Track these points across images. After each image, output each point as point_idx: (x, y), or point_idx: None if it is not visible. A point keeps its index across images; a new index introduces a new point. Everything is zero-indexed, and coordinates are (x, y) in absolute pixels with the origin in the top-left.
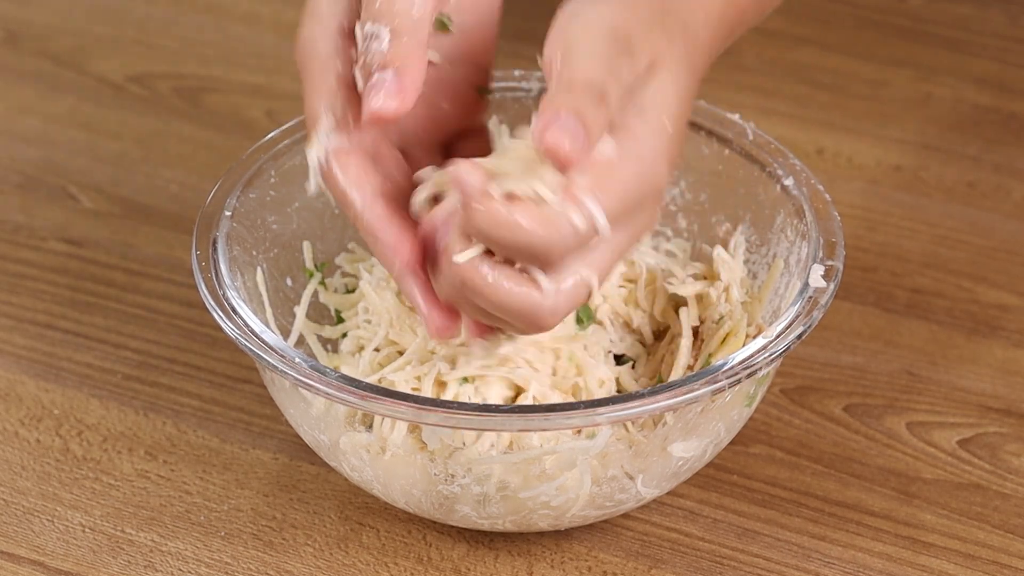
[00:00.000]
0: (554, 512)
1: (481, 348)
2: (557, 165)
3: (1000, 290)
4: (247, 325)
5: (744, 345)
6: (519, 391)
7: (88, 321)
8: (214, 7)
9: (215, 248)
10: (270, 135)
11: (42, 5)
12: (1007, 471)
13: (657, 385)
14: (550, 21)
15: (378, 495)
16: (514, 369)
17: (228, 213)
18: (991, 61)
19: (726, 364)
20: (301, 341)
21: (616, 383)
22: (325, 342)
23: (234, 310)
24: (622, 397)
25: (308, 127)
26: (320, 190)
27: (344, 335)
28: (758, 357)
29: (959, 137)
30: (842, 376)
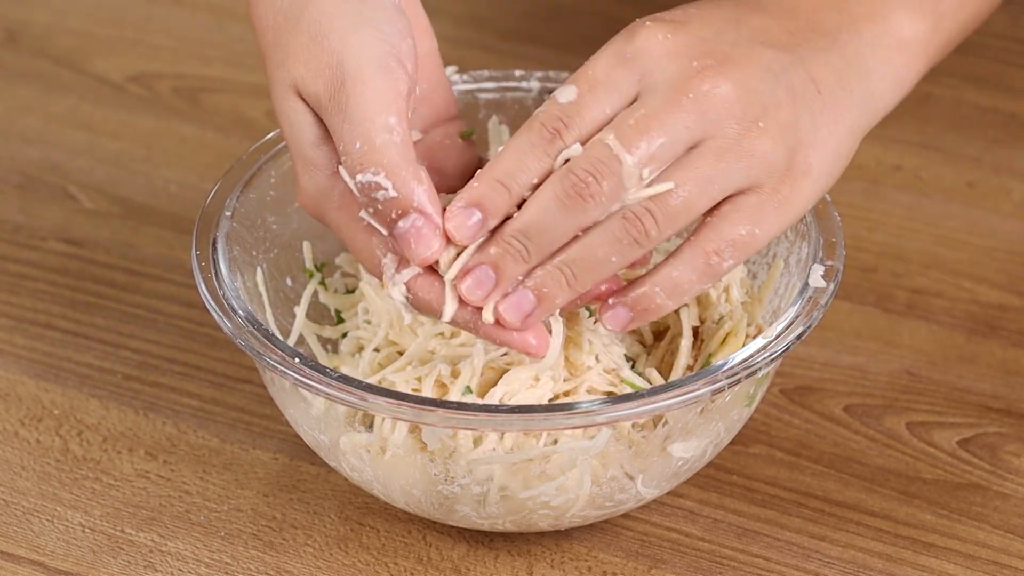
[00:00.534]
0: (554, 512)
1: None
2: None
3: (1000, 290)
4: (247, 325)
5: (744, 345)
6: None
7: (88, 321)
8: (214, 7)
9: (215, 248)
10: (270, 135)
11: (42, 5)
12: (1007, 471)
13: (657, 385)
14: (550, 21)
15: (378, 495)
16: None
17: (228, 213)
18: (991, 61)
19: (726, 364)
20: (301, 341)
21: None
22: (325, 342)
23: (234, 310)
24: (622, 397)
25: (369, 269)
26: (415, 316)
27: (344, 335)
28: (758, 357)
29: (959, 137)
30: (842, 376)
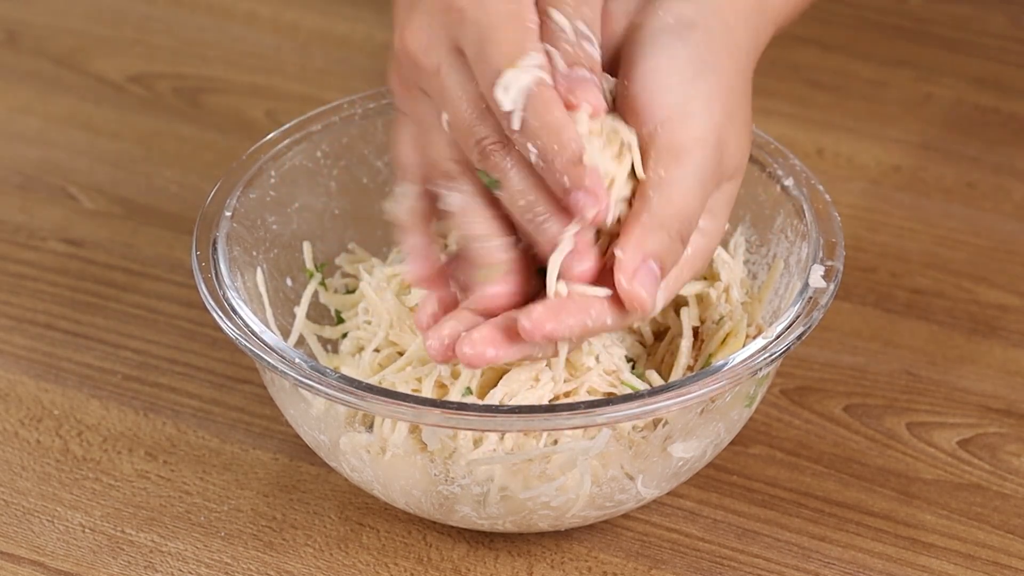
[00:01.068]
0: (554, 512)
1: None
2: (631, 307)
3: (1000, 290)
4: (247, 325)
5: (744, 346)
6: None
7: (88, 321)
8: (214, 7)
9: (215, 248)
10: (270, 135)
11: (42, 5)
12: (1007, 471)
13: (657, 386)
14: None
15: (378, 495)
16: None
17: (228, 213)
18: (991, 61)
19: (726, 365)
20: (301, 341)
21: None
22: (325, 343)
23: (234, 310)
24: (622, 398)
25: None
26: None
27: (344, 336)
28: (758, 358)
29: (959, 137)
30: (842, 376)
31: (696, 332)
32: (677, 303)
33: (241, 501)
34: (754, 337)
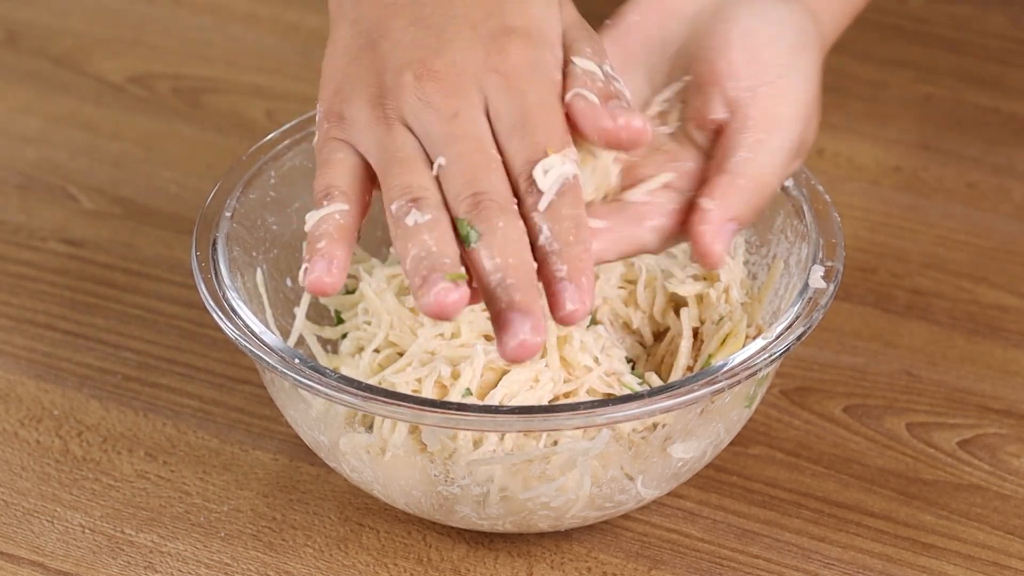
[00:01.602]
0: (554, 513)
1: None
2: (705, 261)
3: (1000, 290)
4: (247, 326)
5: (744, 346)
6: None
7: (88, 322)
8: (214, 7)
9: (215, 249)
10: (270, 135)
11: (42, 5)
12: (1007, 472)
13: (657, 387)
14: None
15: (378, 496)
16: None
17: (228, 214)
18: (991, 61)
19: (726, 365)
20: (301, 342)
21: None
22: (325, 343)
23: (234, 311)
24: (622, 399)
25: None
26: None
27: (344, 336)
28: (758, 358)
29: (959, 137)
30: (842, 377)
31: (696, 333)
32: (676, 304)
33: (241, 501)
34: (754, 338)
